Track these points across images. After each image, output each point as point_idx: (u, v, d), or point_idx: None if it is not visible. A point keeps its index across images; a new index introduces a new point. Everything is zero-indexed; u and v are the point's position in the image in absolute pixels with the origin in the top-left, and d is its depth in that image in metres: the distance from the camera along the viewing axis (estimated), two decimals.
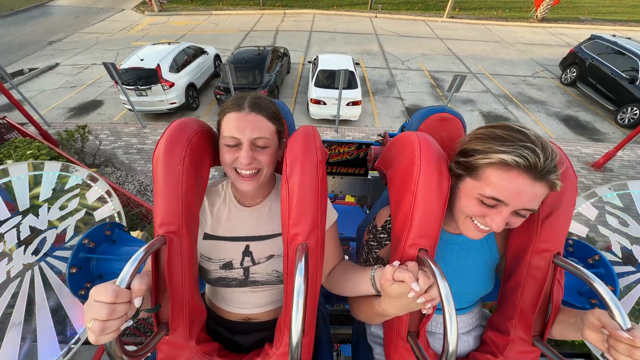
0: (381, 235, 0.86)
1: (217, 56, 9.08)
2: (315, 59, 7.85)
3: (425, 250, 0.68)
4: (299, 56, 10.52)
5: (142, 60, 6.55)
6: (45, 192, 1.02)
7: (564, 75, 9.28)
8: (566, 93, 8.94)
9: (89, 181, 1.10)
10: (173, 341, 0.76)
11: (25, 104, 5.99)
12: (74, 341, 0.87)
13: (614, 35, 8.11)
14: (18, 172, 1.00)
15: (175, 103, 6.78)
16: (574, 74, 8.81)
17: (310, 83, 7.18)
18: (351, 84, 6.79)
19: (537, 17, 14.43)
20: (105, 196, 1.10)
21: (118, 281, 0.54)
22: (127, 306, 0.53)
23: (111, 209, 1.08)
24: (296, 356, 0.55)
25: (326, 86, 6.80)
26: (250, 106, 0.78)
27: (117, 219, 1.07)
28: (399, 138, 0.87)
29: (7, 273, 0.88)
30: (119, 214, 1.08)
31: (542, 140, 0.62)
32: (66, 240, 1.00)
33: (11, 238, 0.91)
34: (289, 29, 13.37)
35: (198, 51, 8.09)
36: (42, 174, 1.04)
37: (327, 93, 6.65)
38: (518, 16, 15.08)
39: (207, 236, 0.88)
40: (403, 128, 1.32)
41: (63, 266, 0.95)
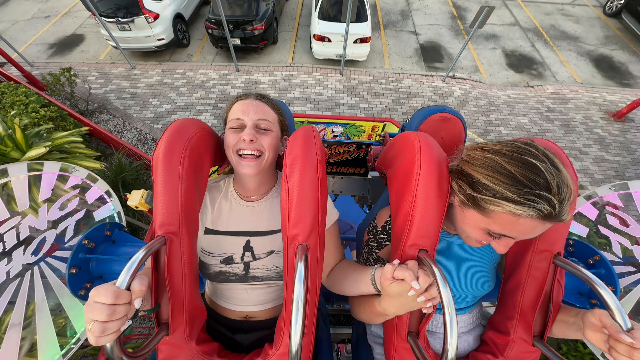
0: (381, 236, 0.86)
1: None
2: None
3: (426, 250, 0.68)
4: None
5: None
6: (44, 192, 1.02)
7: (609, 2, 7.94)
8: (606, 26, 7.76)
9: (88, 181, 1.10)
10: (173, 341, 0.77)
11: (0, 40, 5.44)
12: (74, 341, 0.88)
13: None
14: (17, 172, 0.99)
15: (163, 39, 6.06)
16: (622, 1, 7.54)
17: (313, 14, 6.28)
18: (360, 16, 5.88)
19: None
20: (105, 196, 1.09)
21: (118, 282, 0.54)
22: (127, 307, 0.53)
23: (111, 209, 1.08)
24: (296, 356, 0.55)
25: (331, 18, 5.92)
26: (255, 96, 0.88)
27: (116, 219, 1.07)
28: (399, 138, 0.86)
29: (7, 273, 0.89)
30: (118, 214, 1.08)
31: (559, 178, 0.56)
32: (66, 241, 1.01)
33: (11, 238, 0.92)
34: None
35: None
36: (41, 174, 1.04)
37: (333, 28, 5.79)
38: None
39: (208, 231, 0.89)
40: (403, 128, 1.32)
41: (63, 266, 0.96)
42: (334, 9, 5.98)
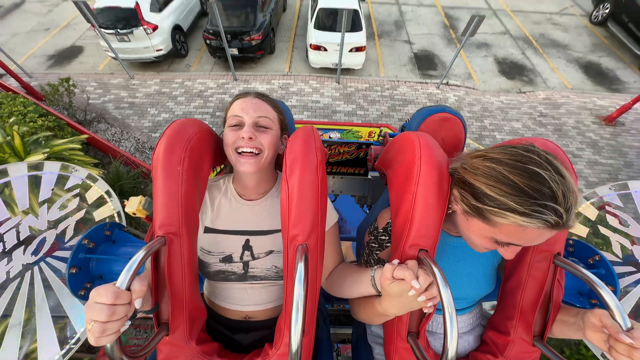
0: (382, 237, 0.85)
1: None
2: None
3: (426, 250, 0.68)
4: None
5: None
6: (44, 192, 1.01)
7: (595, 11, 8.23)
8: (593, 34, 8.05)
9: (88, 181, 1.10)
10: (173, 342, 0.76)
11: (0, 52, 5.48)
12: (74, 341, 0.88)
13: None
14: (17, 172, 0.99)
15: (161, 50, 6.14)
16: (607, 10, 7.81)
17: (309, 24, 6.43)
18: (355, 26, 6.02)
19: None
20: (105, 196, 1.09)
21: (118, 282, 0.54)
22: (127, 307, 0.53)
23: (111, 209, 1.08)
24: (296, 356, 0.55)
25: (327, 28, 6.07)
26: (254, 94, 0.88)
27: (116, 219, 1.07)
28: (399, 138, 0.86)
29: (7, 273, 0.88)
30: (118, 214, 1.08)
31: (564, 186, 0.54)
32: (66, 241, 1.00)
33: (11, 238, 0.91)
34: None
35: None
36: (41, 174, 1.03)
37: (328, 37, 5.95)
38: None
39: (207, 229, 0.89)
40: (403, 128, 1.33)
41: (63, 266, 0.95)
42: (330, 19, 6.11)
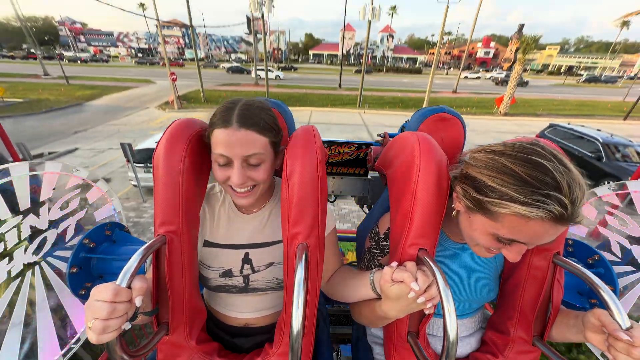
0: (384, 243, 0.85)
1: None
2: None
3: (425, 250, 0.68)
4: None
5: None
6: (45, 191, 1.01)
7: None
8: None
9: (89, 181, 1.09)
10: (173, 341, 0.77)
11: None
12: (74, 341, 0.88)
13: (569, 123, 9.06)
14: (19, 172, 0.99)
15: None
16: None
17: None
18: None
19: (500, 112, 17.44)
20: (106, 196, 1.09)
21: (118, 280, 0.54)
22: (128, 305, 0.53)
23: (111, 209, 1.08)
24: (296, 356, 0.56)
25: None
26: (239, 120, 0.71)
27: (117, 219, 1.06)
28: (398, 138, 0.86)
29: (8, 273, 0.88)
30: (119, 214, 1.07)
31: (568, 177, 0.52)
32: (67, 240, 1.00)
33: (12, 238, 0.91)
34: None
35: None
36: (42, 173, 1.03)
37: None
38: (485, 112, 18.14)
39: (206, 243, 0.87)
40: (403, 128, 1.31)
41: (63, 266, 0.96)
42: None
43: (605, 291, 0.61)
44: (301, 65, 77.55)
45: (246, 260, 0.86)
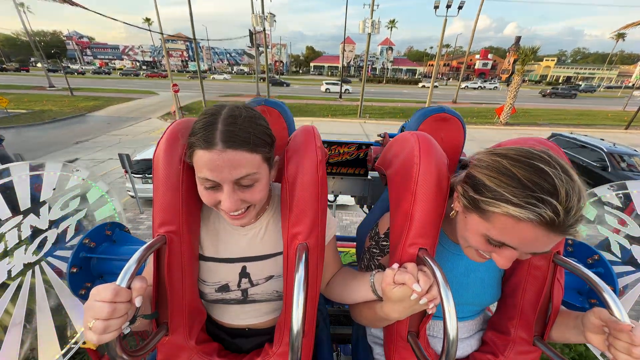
0: (384, 243, 0.84)
1: None
2: None
3: (425, 249, 0.68)
4: None
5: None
6: (46, 192, 1.02)
7: None
8: None
9: (89, 181, 1.10)
10: (173, 341, 0.76)
11: None
12: (74, 341, 0.88)
13: (571, 133, 8.91)
14: (19, 172, 0.99)
15: None
16: None
17: None
18: None
19: (501, 122, 17.40)
20: (106, 196, 1.09)
21: (118, 281, 0.54)
22: (128, 305, 0.53)
23: (112, 209, 1.08)
24: (296, 356, 0.55)
25: None
26: (224, 140, 0.60)
27: (117, 219, 1.07)
28: (398, 138, 0.86)
29: (8, 272, 0.88)
30: (119, 214, 1.07)
31: (569, 185, 0.51)
32: (67, 240, 1.01)
33: (12, 238, 0.91)
34: None
35: None
36: (43, 174, 1.04)
37: None
38: (485, 121, 18.18)
39: (201, 257, 0.83)
40: (403, 128, 1.33)
41: (64, 266, 0.95)
42: None
43: (605, 290, 0.61)
44: (301, 77, 78.30)
45: (243, 274, 0.81)
